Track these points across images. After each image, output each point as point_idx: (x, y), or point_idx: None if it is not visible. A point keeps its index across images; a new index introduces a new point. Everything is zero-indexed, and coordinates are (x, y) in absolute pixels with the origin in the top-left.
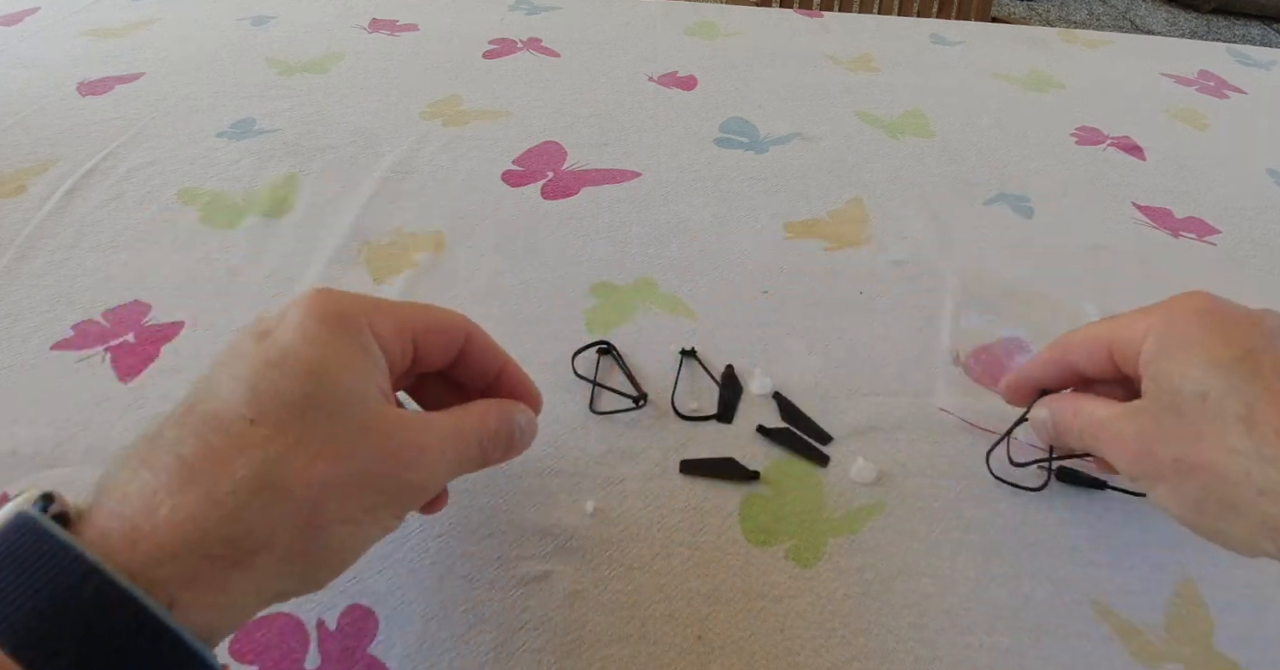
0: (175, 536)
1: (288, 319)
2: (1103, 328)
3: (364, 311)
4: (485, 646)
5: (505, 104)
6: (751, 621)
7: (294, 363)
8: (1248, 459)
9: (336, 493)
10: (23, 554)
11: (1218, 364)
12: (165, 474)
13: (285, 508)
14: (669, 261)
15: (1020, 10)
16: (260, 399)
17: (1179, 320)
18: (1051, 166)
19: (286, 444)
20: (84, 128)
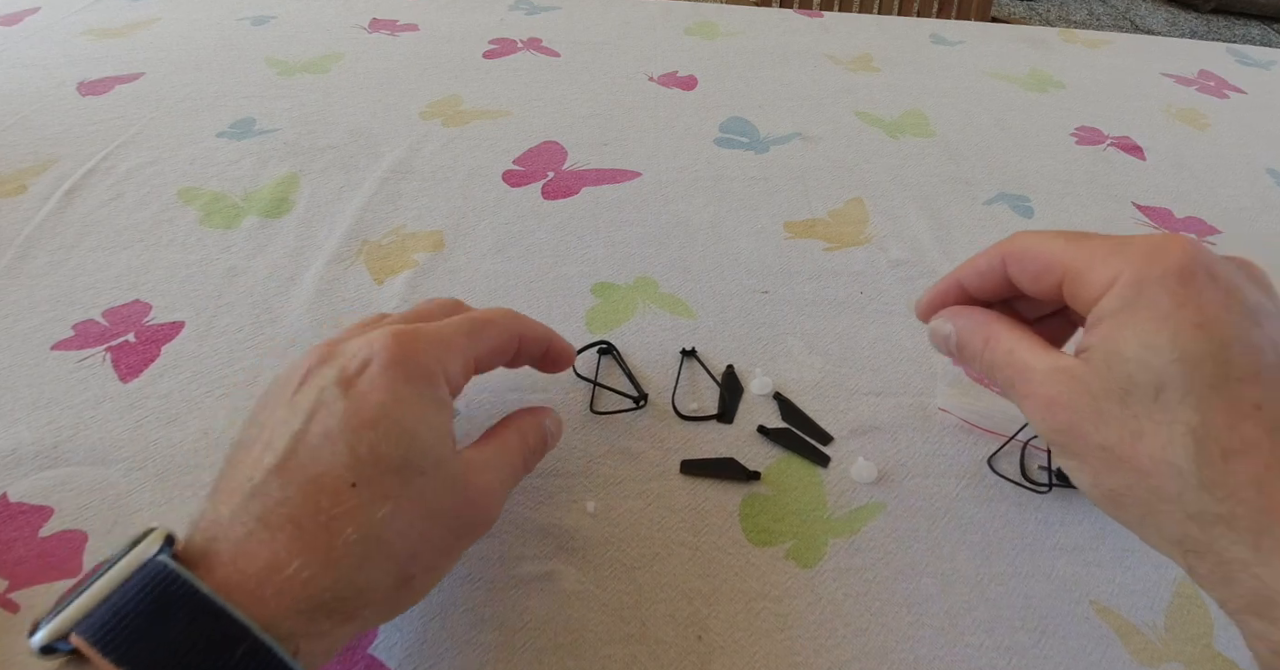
0: (298, 595)
1: (373, 373)
2: (1058, 249)
3: (439, 361)
4: (485, 646)
5: (505, 104)
6: (751, 621)
7: (388, 425)
8: (1184, 480)
9: (427, 546)
10: (177, 610)
11: (1184, 356)
12: (283, 535)
13: (387, 566)
14: (669, 261)
15: (1020, 10)
16: (361, 463)
17: (1153, 281)
18: (1051, 166)
19: (388, 508)
20: (84, 128)
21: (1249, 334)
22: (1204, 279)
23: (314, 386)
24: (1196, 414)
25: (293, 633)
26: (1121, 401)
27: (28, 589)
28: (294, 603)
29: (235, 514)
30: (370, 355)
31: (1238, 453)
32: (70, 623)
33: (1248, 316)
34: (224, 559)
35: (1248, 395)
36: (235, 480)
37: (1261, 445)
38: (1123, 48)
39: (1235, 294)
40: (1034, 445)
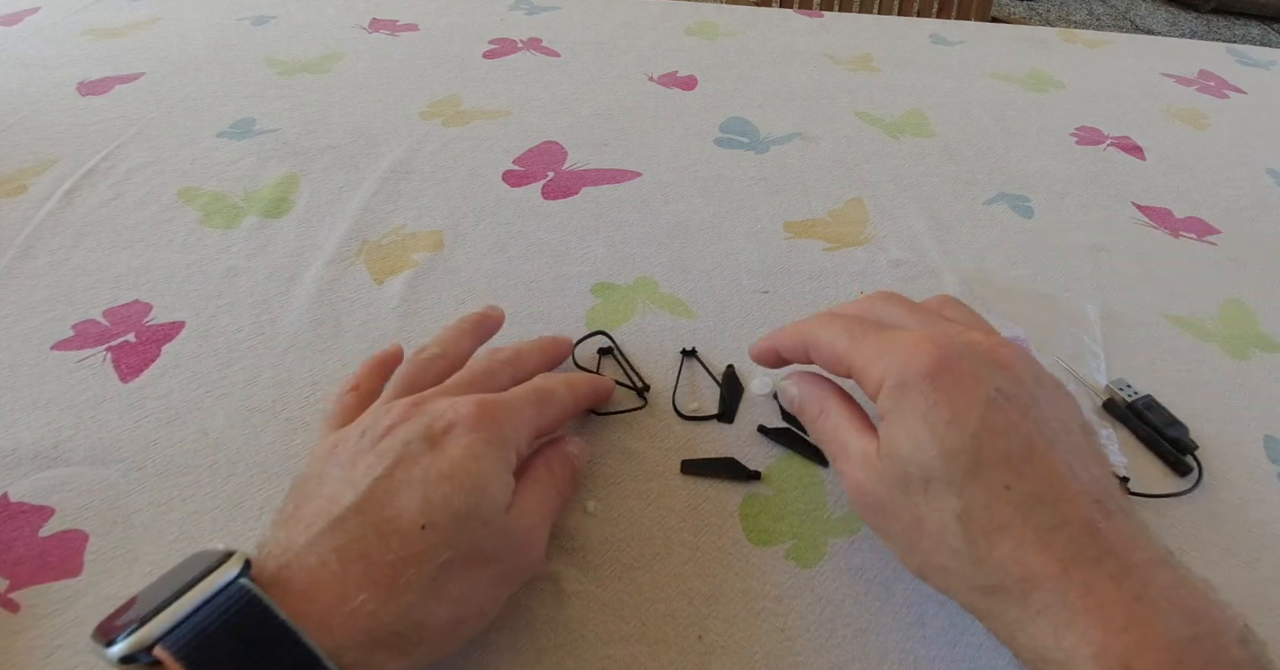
0: (361, 627)
1: (458, 434)
2: (842, 348)
3: (516, 429)
4: (486, 646)
5: (505, 104)
6: (751, 621)
7: (464, 479)
8: (961, 558)
9: (479, 591)
10: (257, 633)
11: (942, 451)
12: (354, 569)
13: (442, 608)
14: (669, 261)
15: (1020, 10)
16: (432, 509)
17: (910, 385)
18: (1051, 166)
19: (450, 553)
20: (84, 128)
21: (992, 422)
22: (950, 377)
23: (399, 439)
24: (960, 500)
25: (353, 663)
26: (904, 491)
27: (28, 589)
28: (357, 634)
29: (310, 544)
30: (456, 419)
31: (997, 531)
32: (155, 635)
33: (989, 405)
34: (296, 587)
35: (998, 478)
36: (310, 511)
37: (1014, 523)
38: (1123, 48)
39: (978, 386)
40: None
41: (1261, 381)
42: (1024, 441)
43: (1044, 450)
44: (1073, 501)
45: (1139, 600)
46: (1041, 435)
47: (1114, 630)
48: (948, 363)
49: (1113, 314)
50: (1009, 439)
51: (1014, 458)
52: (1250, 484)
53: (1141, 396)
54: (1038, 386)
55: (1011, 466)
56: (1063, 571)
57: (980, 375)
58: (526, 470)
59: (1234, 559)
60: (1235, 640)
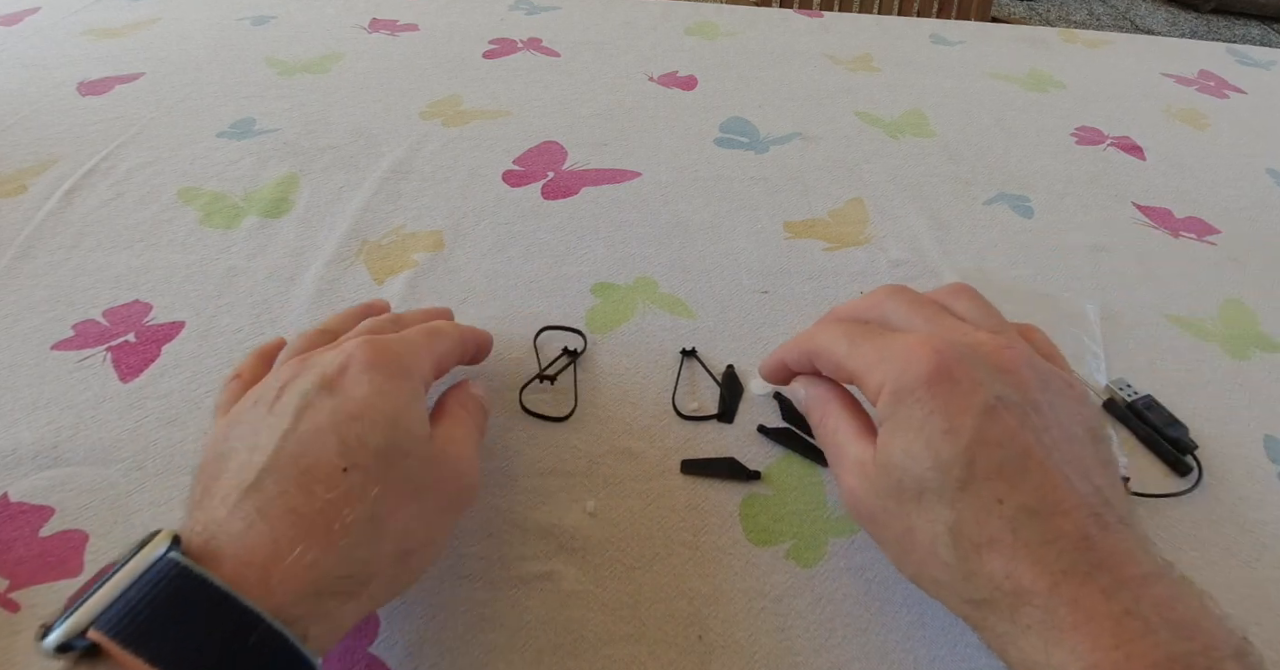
0: (303, 580)
1: (354, 373)
2: (842, 354)
3: (412, 359)
4: (485, 646)
5: (505, 104)
6: (751, 621)
7: (373, 415)
8: (951, 571)
9: (419, 521)
10: (191, 601)
11: (936, 463)
12: (283, 524)
13: (384, 544)
14: (669, 261)
15: (1020, 10)
16: (350, 450)
17: (907, 392)
18: (1051, 166)
19: (379, 488)
20: (84, 128)
21: (987, 432)
22: (947, 384)
23: (294, 392)
24: (952, 512)
25: (301, 617)
26: (897, 501)
27: (27, 589)
28: (300, 586)
29: (231, 513)
30: (347, 360)
31: (987, 546)
32: (87, 619)
33: (986, 414)
34: (227, 554)
35: (991, 491)
36: (223, 485)
37: (1004, 538)
38: (1123, 48)
39: (975, 393)
40: None
41: (1261, 381)
42: (1020, 452)
43: (1041, 460)
44: (1068, 515)
45: (1129, 615)
46: (1040, 444)
47: (1103, 646)
48: (946, 368)
49: (1113, 314)
50: (1004, 450)
51: (1008, 470)
52: (1250, 484)
53: (1141, 396)
54: (1042, 390)
55: (1005, 479)
56: (1052, 587)
57: (980, 381)
58: (441, 409)
59: (1234, 559)
60: (1230, 655)
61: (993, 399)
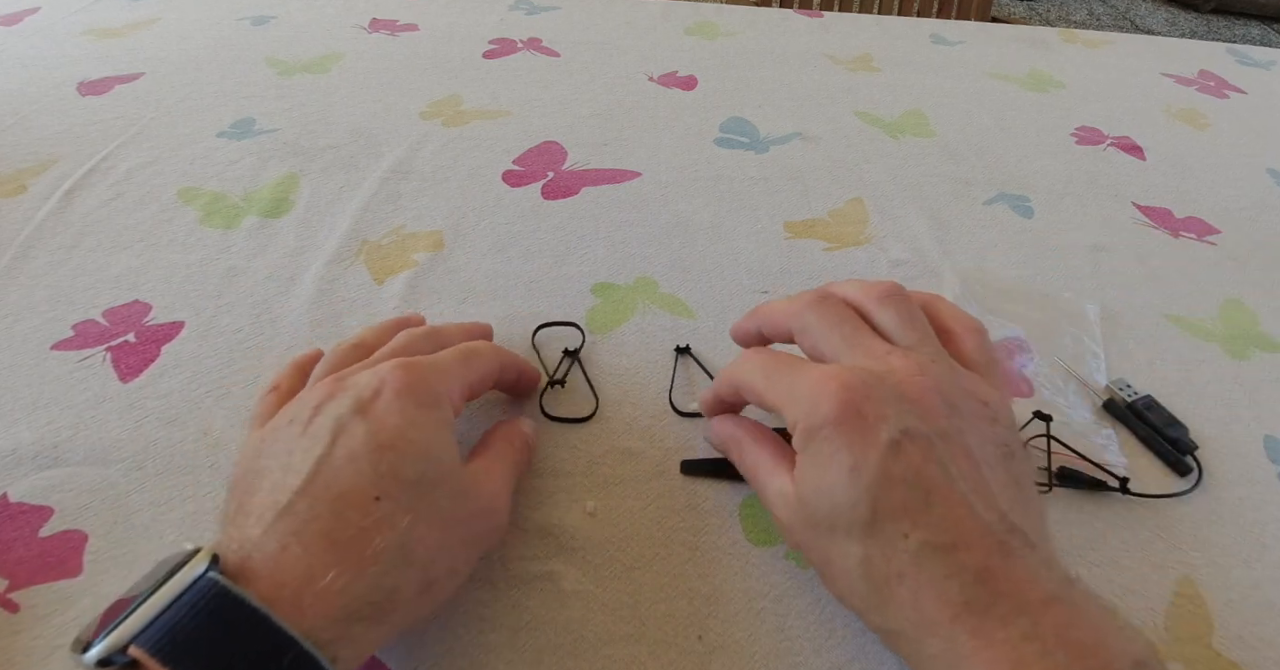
0: (334, 604)
1: (387, 400)
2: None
3: (444, 385)
4: (486, 646)
5: (505, 104)
6: (751, 621)
7: (405, 446)
8: (866, 600)
9: (446, 552)
10: (229, 622)
11: (844, 501)
12: (316, 548)
13: (412, 573)
14: (669, 261)
15: (1020, 10)
16: (383, 479)
17: (816, 430)
18: (1051, 166)
19: (409, 518)
20: (84, 128)
21: (891, 469)
22: (854, 421)
23: (329, 416)
24: (861, 548)
25: (331, 641)
26: (814, 533)
27: (27, 589)
28: (331, 611)
29: (267, 533)
30: (381, 385)
31: (895, 579)
32: (128, 635)
33: (890, 450)
34: (262, 574)
35: (896, 528)
36: (258, 504)
37: (910, 572)
38: (1123, 48)
39: (880, 428)
40: (1032, 445)
41: (1261, 381)
42: (924, 487)
43: (945, 493)
44: (970, 548)
45: (1027, 640)
46: (945, 476)
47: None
48: (853, 405)
49: (1113, 314)
50: (908, 486)
51: (912, 506)
52: (1250, 484)
53: (1141, 396)
54: (950, 416)
55: (909, 515)
56: (954, 618)
57: (886, 415)
58: (486, 442)
59: (1234, 559)
60: (1127, 668)
61: (898, 433)
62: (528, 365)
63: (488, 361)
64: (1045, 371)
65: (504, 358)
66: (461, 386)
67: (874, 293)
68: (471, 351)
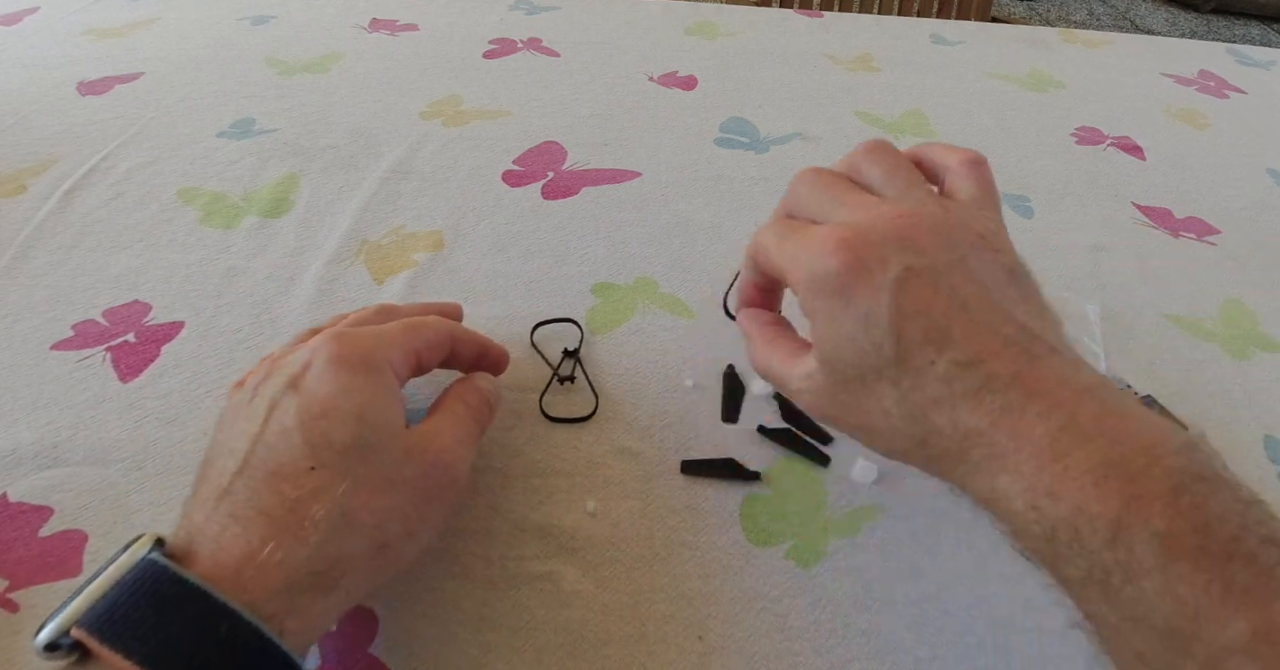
0: (276, 577)
1: (317, 370)
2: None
3: (381, 352)
4: (485, 646)
5: (505, 104)
6: (751, 621)
7: (337, 412)
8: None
9: (395, 514)
10: (165, 597)
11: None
12: (254, 526)
13: (357, 538)
14: (669, 261)
15: (1020, 10)
16: (316, 449)
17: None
18: (1051, 166)
19: (346, 484)
20: (84, 128)
21: (904, 305)
22: (857, 269)
23: (264, 395)
24: (895, 388)
25: (276, 613)
26: (846, 391)
27: (27, 589)
28: (272, 582)
29: (208, 517)
30: (311, 357)
31: (931, 406)
32: (72, 618)
33: (898, 288)
34: (203, 555)
35: (922, 357)
36: (205, 490)
37: (944, 394)
38: (1123, 48)
39: (884, 270)
40: None
41: (1261, 381)
42: (940, 314)
43: (959, 316)
44: (997, 357)
45: (1064, 431)
46: (955, 300)
47: (1040, 465)
48: (853, 254)
49: (1113, 314)
50: (924, 317)
51: (933, 334)
52: (1250, 484)
53: (1141, 397)
54: (949, 249)
55: (932, 343)
56: (992, 424)
57: (886, 257)
58: (439, 402)
59: None
60: (1172, 451)
61: (901, 271)
62: (493, 345)
63: (435, 331)
64: None
65: (458, 331)
66: (404, 354)
67: (859, 152)
68: (418, 322)
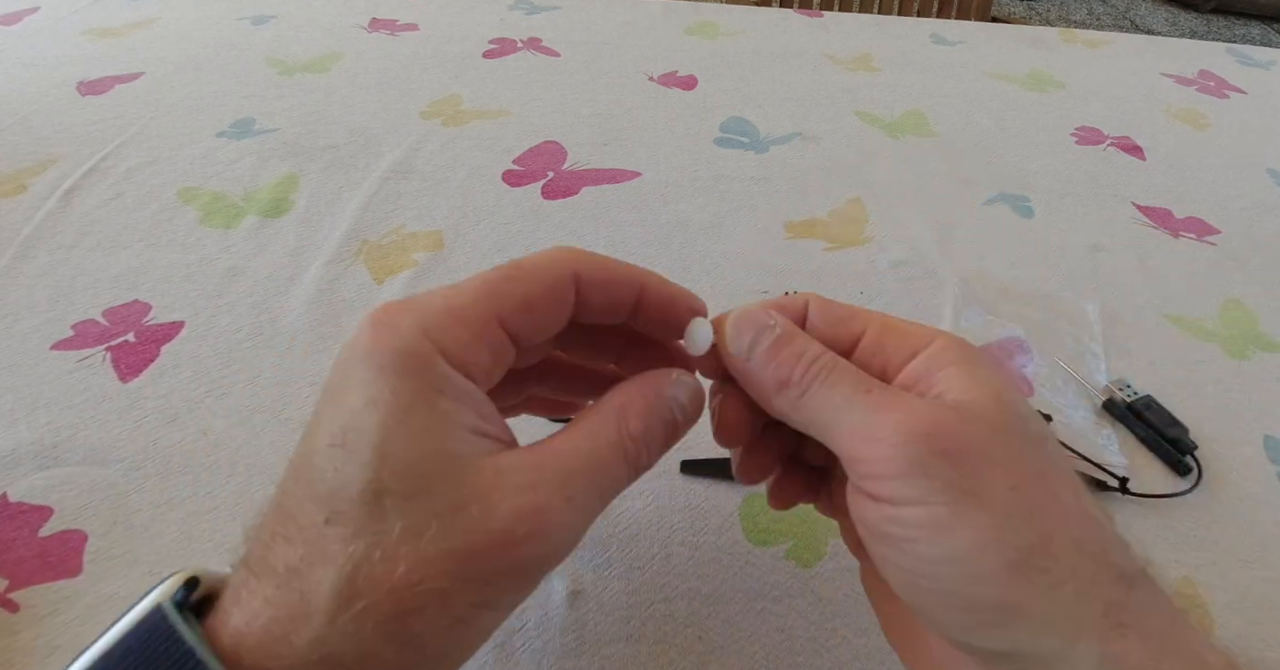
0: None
1: (346, 371)
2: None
3: (430, 335)
4: (485, 646)
5: (505, 104)
6: (751, 621)
7: (358, 441)
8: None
9: (431, 594)
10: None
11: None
12: (268, 584)
13: (371, 621)
14: (669, 261)
15: (1020, 10)
16: (331, 495)
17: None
18: (1051, 166)
19: (361, 547)
20: (84, 127)
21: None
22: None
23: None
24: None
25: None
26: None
27: (27, 589)
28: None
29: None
30: (348, 348)
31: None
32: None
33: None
34: (227, 612)
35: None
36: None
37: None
38: (1123, 48)
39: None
40: None
41: (1261, 381)
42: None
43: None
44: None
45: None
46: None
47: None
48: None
49: (1113, 314)
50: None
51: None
52: (1250, 484)
53: (1141, 396)
54: None
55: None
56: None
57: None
58: (585, 413)
59: (1234, 559)
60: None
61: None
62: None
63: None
64: (1045, 371)
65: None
66: (478, 326)
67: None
68: (510, 266)
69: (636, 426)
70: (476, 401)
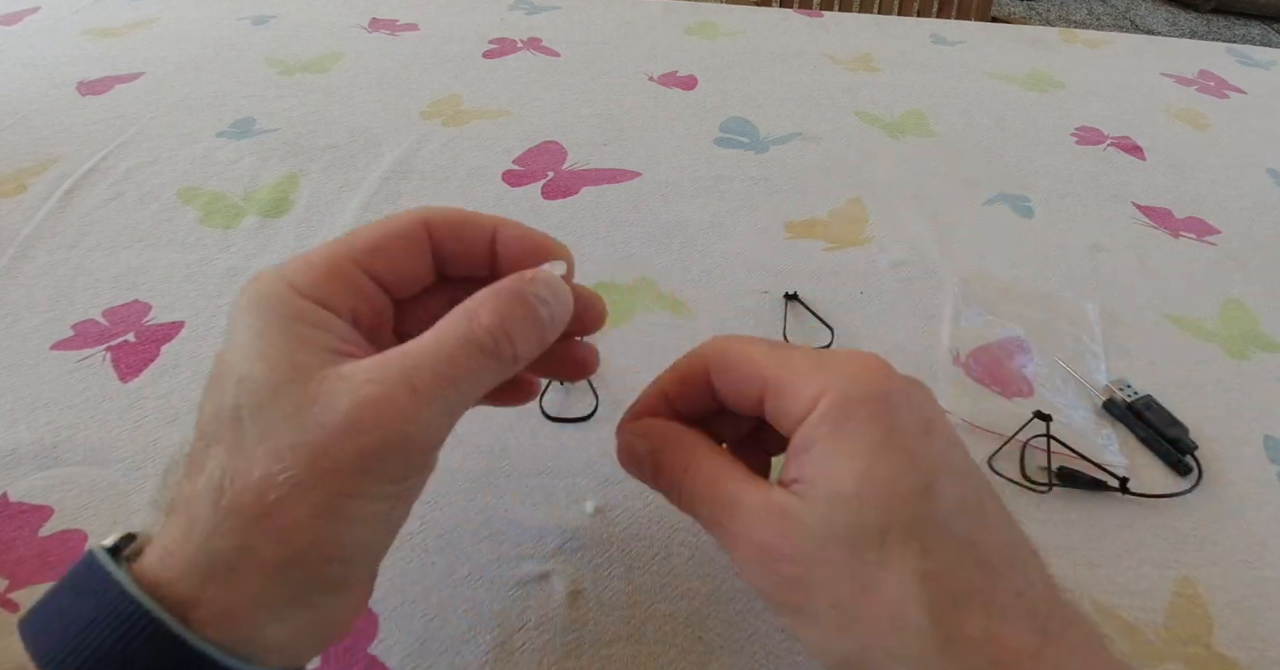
0: (174, 563)
1: (229, 325)
2: (760, 357)
3: (285, 279)
4: (485, 646)
5: (505, 104)
6: (751, 621)
7: (226, 372)
8: (924, 640)
9: (294, 488)
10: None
11: (904, 492)
12: (175, 517)
13: (241, 518)
14: (669, 261)
15: (1020, 10)
16: (206, 421)
17: (858, 403)
18: (1051, 166)
19: (224, 454)
20: (84, 127)
21: (947, 459)
22: (902, 403)
23: None
24: (926, 558)
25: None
26: (850, 546)
27: (27, 588)
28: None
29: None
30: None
31: (965, 598)
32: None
33: (949, 445)
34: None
35: (960, 528)
36: None
37: (982, 588)
38: (1123, 48)
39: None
40: (1033, 445)
41: (1261, 381)
42: (978, 490)
43: (996, 504)
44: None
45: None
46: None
47: None
48: (899, 386)
49: (1113, 314)
50: (967, 483)
51: (971, 507)
52: (1250, 484)
53: (1141, 396)
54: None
55: (971, 515)
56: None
57: (920, 402)
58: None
59: (1234, 559)
60: None
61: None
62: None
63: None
64: (1045, 371)
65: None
66: (328, 267)
67: None
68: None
69: (488, 318)
70: (336, 327)
